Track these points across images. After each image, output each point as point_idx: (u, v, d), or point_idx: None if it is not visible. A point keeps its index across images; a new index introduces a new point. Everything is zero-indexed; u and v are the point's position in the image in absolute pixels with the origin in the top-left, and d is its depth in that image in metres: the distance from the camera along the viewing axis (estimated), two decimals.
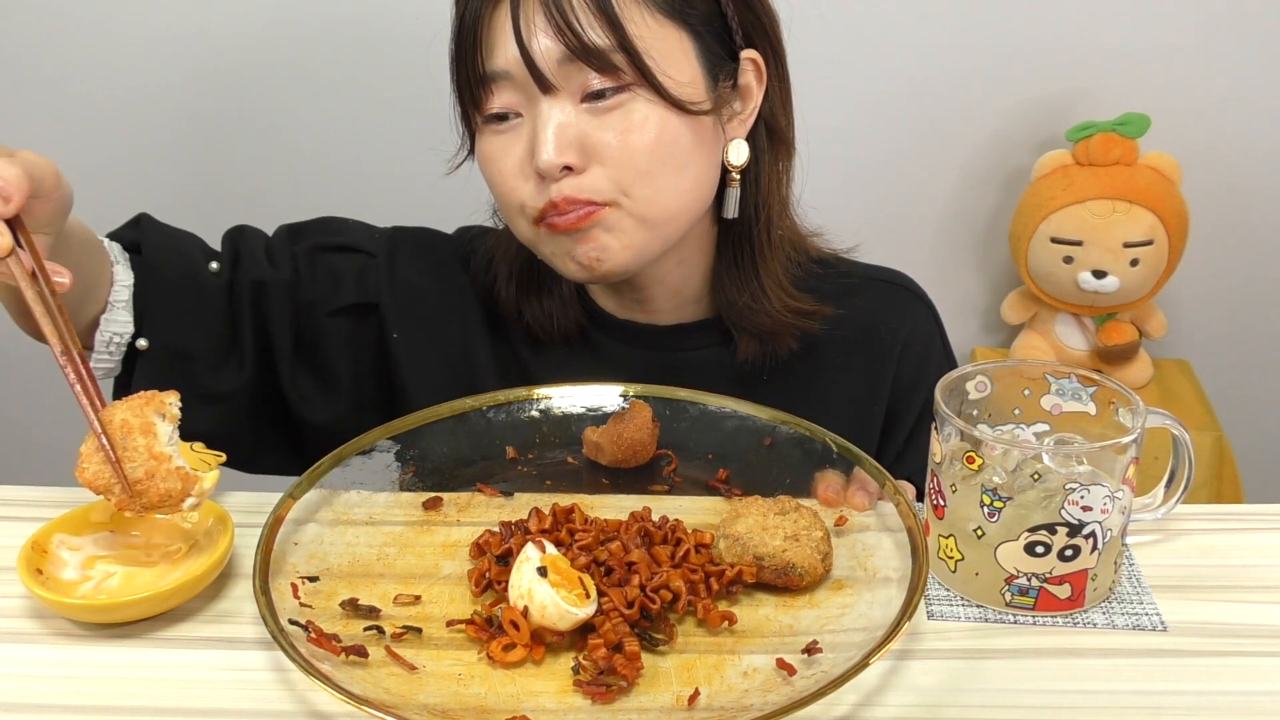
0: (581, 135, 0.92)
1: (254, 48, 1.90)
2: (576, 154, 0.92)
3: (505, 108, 0.94)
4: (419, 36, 1.91)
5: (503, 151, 0.95)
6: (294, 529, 0.83)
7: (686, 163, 0.96)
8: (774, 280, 1.05)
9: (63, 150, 1.98)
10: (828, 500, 0.87)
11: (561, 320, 1.07)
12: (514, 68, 0.91)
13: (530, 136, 0.93)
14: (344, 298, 1.08)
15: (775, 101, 1.03)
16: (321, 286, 1.07)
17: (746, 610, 0.78)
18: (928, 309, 1.16)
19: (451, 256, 1.12)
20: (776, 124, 1.03)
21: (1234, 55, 1.90)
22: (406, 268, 1.10)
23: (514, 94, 0.93)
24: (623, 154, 0.92)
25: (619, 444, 0.92)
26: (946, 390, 0.80)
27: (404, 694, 0.70)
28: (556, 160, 0.91)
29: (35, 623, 0.77)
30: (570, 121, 0.92)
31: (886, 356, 1.10)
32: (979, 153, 1.99)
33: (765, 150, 1.03)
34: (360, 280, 1.08)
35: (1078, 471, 0.76)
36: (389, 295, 1.08)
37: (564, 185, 0.93)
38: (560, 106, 0.92)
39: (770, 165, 1.04)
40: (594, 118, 0.92)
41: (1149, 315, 1.98)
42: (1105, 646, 0.76)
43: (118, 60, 1.91)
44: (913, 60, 1.92)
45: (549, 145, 0.91)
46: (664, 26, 0.93)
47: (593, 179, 0.93)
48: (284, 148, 1.96)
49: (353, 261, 1.09)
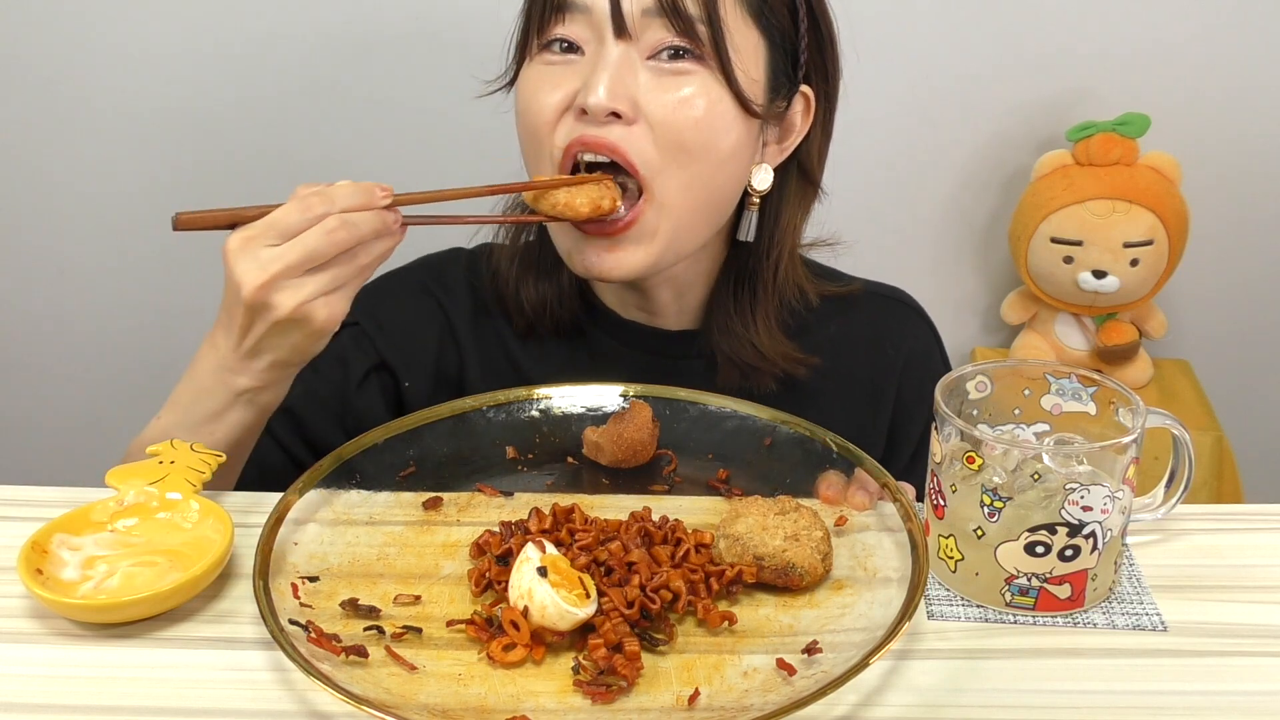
0: (637, 90, 0.92)
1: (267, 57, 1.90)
2: (628, 104, 0.91)
3: (568, 38, 0.93)
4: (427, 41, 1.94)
5: (551, 80, 0.94)
6: (294, 529, 0.83)
7: (725, 157, 0.96)
8: (766, 318, 1.05)
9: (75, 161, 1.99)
10: (828, 500, 0.87)
11: (556, 308, 1.07)
12: (597, 3, 0.91)
13: (585, 75, 0.92)
14: (357, 371, 1.08)
15: (815, 145, 1.03)
16: (334, 376, 1.07)
17: (746, 610, 0.78)
18: (927, 326, 1.16)
19: (418, 281, 1.12)
20: (810, 165, 1.03)
21: (1234, 55, 1.90)
22: (388, 315, 1.10)
23: (584, 28, 0.93)
24: (672, 120, 0.92)
25: (619, 444, 0.92)
26: (946, 390, 0.80)
27: (404, 694, 0.70)
28: (607, 103, 0.90)
29: (35, 623, 0.77)
30: (631, 72, 0.91)
31: (889, 371, 1.10)
32: (979, 153, 1.99)
33: (792, 187, 1.04)
34: (359, 348, 1.08)
35: (1078, 471, 0.76)
36: (387, 347, 1.09)
37: (606, 130, 0.92)
38: (627, 54, 0.91)
39: (793, 204, 1.04)
40: (655, 77, 0.92)
41: (1149, 315, 1.98)
42: (1105, 646, 0.76)
43: (130, 72, 1.91)
44: (913, 60, 1.92)
45: (604, 86, 0.90)
46: (747, 25, 0.94)
47: (637, 136, 0.92)
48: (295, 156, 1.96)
49: (342, 338, 1.08)
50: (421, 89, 1.88)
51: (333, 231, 0.82)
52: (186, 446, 0.89)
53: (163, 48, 1.89)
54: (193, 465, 0.87)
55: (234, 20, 1.87)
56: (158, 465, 0.86)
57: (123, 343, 2.06)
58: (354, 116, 1.93)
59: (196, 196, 1.90)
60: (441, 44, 1.86)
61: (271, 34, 1.88)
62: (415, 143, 1.92)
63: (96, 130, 1.95)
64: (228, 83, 1.91)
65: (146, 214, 1.95)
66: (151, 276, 2.01)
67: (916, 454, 1.10)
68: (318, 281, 0.83)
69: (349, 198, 0.83)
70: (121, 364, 2.08)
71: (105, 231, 1.98)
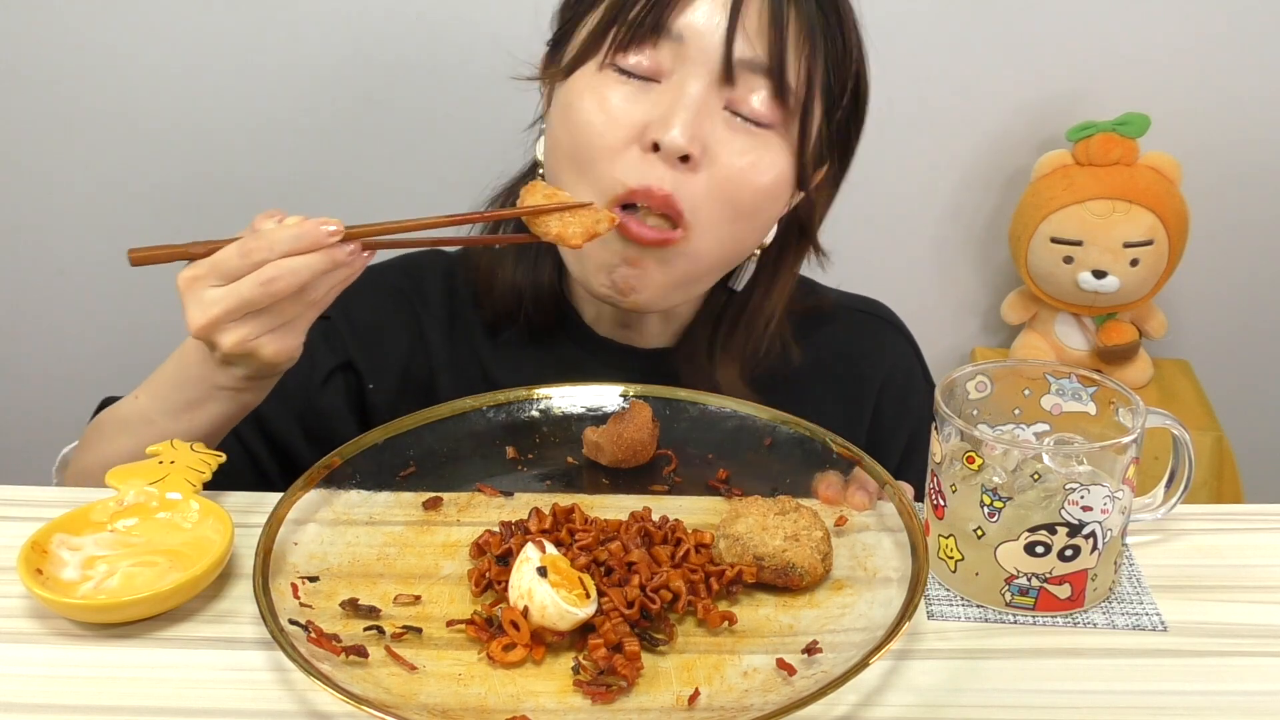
0: (712, 136, 0.90)
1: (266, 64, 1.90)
2: (700, 148, 0.89)
3: (653, 71, 0.90)
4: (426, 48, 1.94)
5: (625, 101, 0.90)
6: (294, 529, 0.83)
7: (765, 223, 0.96)
8: (730, 364, 1.04)
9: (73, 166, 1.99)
10: (828, 500, 0.87)
11: (528, 306, 1.05)
12: (696, 34, 0.88)
13: (662, 106, 0.89)
14: (322, 367, 1.07)
15: (819, 208, 1.02)
16: (300, 369, 1.05)
17: (746, 610, 0.78)
18: (906, 341, 1.14)
19: (395, 282, 1.11)
20: (811, 225, 1.03)
21: (1234, 55, 1.90)
22: (362, 314, 1.09)
23: (672, 58, 0.90)
24: (737, 180, 0.91)
25: (619, 444, 0.92)
26: (946, 390, 0.80)
27: (404, 694, 0.70)
28: (684, 145, 0.88)
29: (35, 623, 0.77)
30: (710, 117, 0.90)
31: (865, 389, 1.09)
32: (979, 153, 1.99)
33: (791, 245, 1.03)
34: (328, 344, 1.07)
35: (1078, 471, 0.76)
36: (356, 346, 1.08)
37: (670, 177, 0.89)
38: (710, 97, 0.89)
39: (790, 260, 1.03)
40: (730, 132, 0.90)
41: (1149, 315, 1.98)
42: (1105, 646, 0.76)
43: (128, 77, 1.91)
44: (913, 60, 1.92)
45: (687, 126, 0.88)
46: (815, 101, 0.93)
47: (695, 184, 0.90)
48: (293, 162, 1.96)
49: (315, 332, 1.08)
50: (424, 95, 1.88)
51: (269, 281, 0.81)
52: (186, 447, 0.89)
53: (162, 50, 1.89)
54: (193, 465, 0.87)
55: (235, 23, 1.87)
56: (158, 465, 0.86)
57: (122, 343, 2.06)
58: (355, 119, 1.93)
59: (196, 198, 1.93)
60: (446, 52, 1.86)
61: (274, 37, 1.88)
62: (417, 149, 1.92)
63: (96, 131, 1.94)
64: (227, 83, 1.91)
65: (146, 214, 1.96)
66: (151, 277, 1.99)
67: (899, 468, 1.09)
68: (260, 322, 0.83)
69: (290, 243, 0.81)
70: (121, 364, 2.07)
71: (105, 231, 1.98)
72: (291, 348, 0.86)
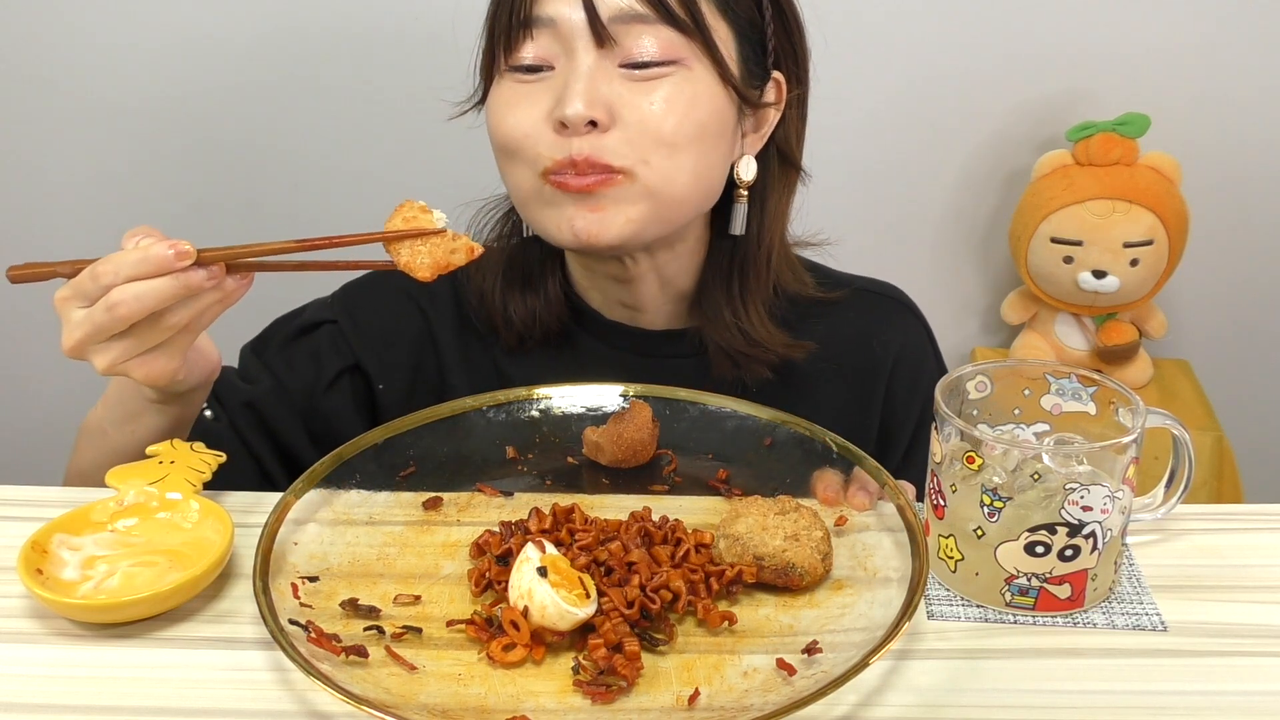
0: (614, 96, 0.92)
1: (256, 55, 1.90)
2: (604, 111, 0.91)
3: (538, 59, 0.93)
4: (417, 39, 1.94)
5: (525, 99, 0.94)
6: (294, 529, 0.83)
7: (711, 146, 0.96)
8: (757, 306, 1.04)
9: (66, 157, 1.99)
10: (828, 500, 0.87)
11: (545, 317, 1.07)
12: (563, 15, 0.91)
13: (559, 89, 0.92)
14: (328, 370, 1.08)
15: (791, 129, 1.03)
16: (305, 373, 1.07)
17: (746, 610, 0.78)
18: (919, 321, 1.15)
19: (401, 284, 1.08)
20: (789, 149, 1.03)
21: (1234, 55, 1.90)
22: (367, 315, 1.10)
23: (552, 44, 0.93)
24: (651, 122, 0.92)
25: (619, 444, 0.92)
26: (946, 390, 0.80)
27: (404, 694, 0.70)
28: (585, 113, 0.90)
29: (35, 623, 0.77)
30: (606, 80, 0.92)
31: (878, 370, 1.09)
32: (979, 153, 1.99)
33: (775, 174, 1.03)
34: (335, 347, 1.09)
35: (1078, 471, 0.76)
36: (363, 348, 1.09)
37: (585, 143, 0.91)
38: (600, 64, 0.92)
39: (778, 191, 1.04)
40: (630, 83, 0.92)
41: (1149, 315, 1.98)
42: (1105, 646, 0.76)
43: (122, 69, 1.91)
44: (913, 60, 1.92)
45: (580, 97, 0.90)
46: (717, 19, 0.94)
47: (615, 141, 0.92)
48: (284, 155, 1.96)
49: (320, 335, 1.09)
50: (409, 82, 1.88)
51: (114, 307, 0.80)
52: (186, 447, 0.89)
53: (159, 43, 1.89)
54: (193, 465, 0.87)
55: (228, 15, 1.87)
56: (158, 465, 0.86)
57: None
58: (345, 111, 1.93)
59: (196, 195, 1.92)
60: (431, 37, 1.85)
61: (265, 28, 1.88)
62: (403, 137, 1.92)
63: (94, 129, 1.94)
64: (227, 84, 1.91)
65: (146, 214, 1.95)
66: None
67: (910, 452, 1.09)
68: (124, 346, 0.83)
69: (133, 267, 0.79)
70: None
71: (105, 231, 1.98)
72: (163, 370, 0.85)
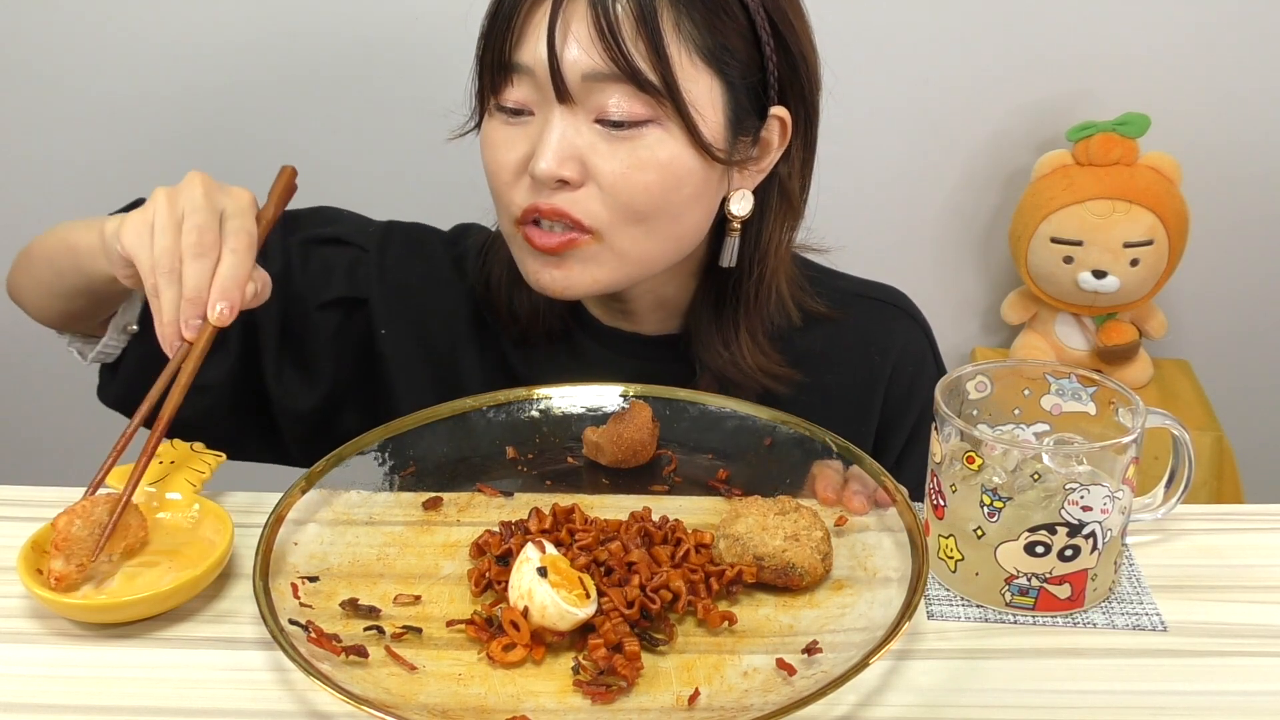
0: (586, 153, 0.91)
1: (256, 55, 1.90)
2: (576, 170, 0.91)
3: (520, 103, 0.93)
4: (418, 39, 1.94)
5: (506, 143, 0.94)
6: (294, 529, 0.83)
7: (683, 210, 0.94)
8: (750, 336, 1.03)
9: (63, 152, 1.99)
10: (826, 499, 0.87)
11: (547, 316, 1.06)
12: (538, 66, 0.90)
13: (535, 137, 0.92)
14: (334, 290, 1.07)
15: (795, 164, 1.00)
16: (312, 279, 1.06)
17: (746, 610, 0.78)
18: (919, 327, 1.14)
19: (443, 255, 1.11)
20: (790, 186, 1.01)
21: (1234, 55, 1.90)
22: (398, 264, 1.09)
23: (532, 91, 0.92)
24: (623, 184, 0.91)
25: (619, 444, 0.92)
26: (946, 390, 0.80)
27: (404, 694, 0.70)
28: (555, 171, 0.90)
29: (35, 623, 0.77)
30: (579, 136, 0.91)
31: (876, 377, 1.09)
32: (979, 153, 1.99)
33: (772, 210, 1.01)
34: (351, 274, 1.08)
35: (1078, 471, 0.76)
36: (379, 291, 1.08)
37: (556, 197, 0.92)
38: (573, 119, 0.91)
39: (775, 226, 1.01)
40: (604, 141, 0.91)
41: (1149, 315, 1.98)
42: (1105, 646, 0.76)
43: (120, 64, 1.91)
44: (913, 61, 1.92)
45: (550, 154, 0.90)
46: (699, 71, 0.91)
47: (585, 199, 0.92)
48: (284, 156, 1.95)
49: (345, 255, 1.08)
50: (410, 83, 1.88)
51: None
52: (186, 447, 0.89)
53: (158, 43, 1.89)
54: (193, 465, 0.87)
55: (228, 15, 1.87)
56: (158, 465, 0.86)
57: None
58: (346, 112, 1.93)
59: None
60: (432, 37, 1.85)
61: (266, 28, 1.88)
62: (404, 137, 1.92)
63: (94, 129, 1.94)
64: (227, 84, 1.91)
65: None
66: None
67: (901, 459, 1.09)
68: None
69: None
70: None
71: None
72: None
